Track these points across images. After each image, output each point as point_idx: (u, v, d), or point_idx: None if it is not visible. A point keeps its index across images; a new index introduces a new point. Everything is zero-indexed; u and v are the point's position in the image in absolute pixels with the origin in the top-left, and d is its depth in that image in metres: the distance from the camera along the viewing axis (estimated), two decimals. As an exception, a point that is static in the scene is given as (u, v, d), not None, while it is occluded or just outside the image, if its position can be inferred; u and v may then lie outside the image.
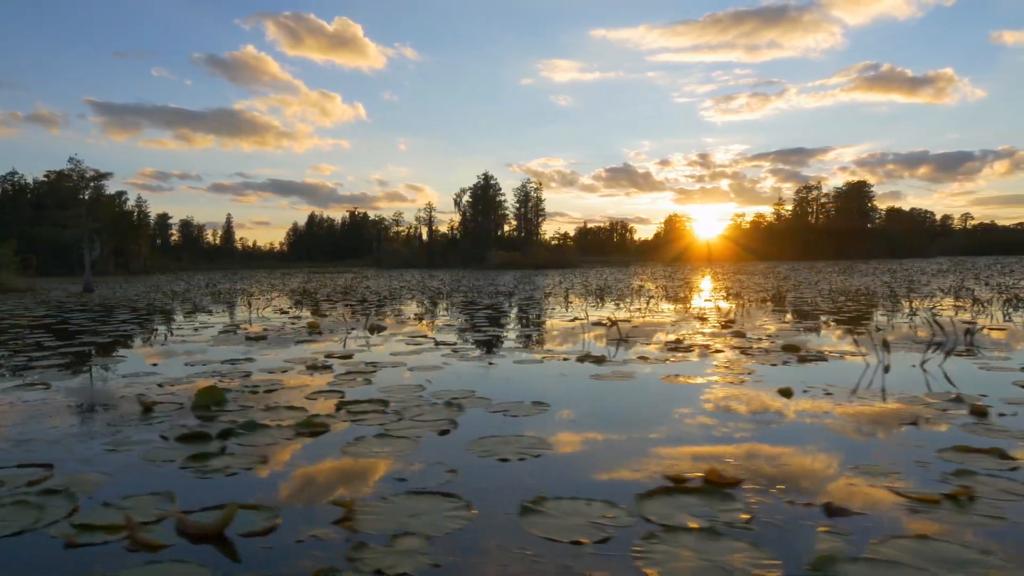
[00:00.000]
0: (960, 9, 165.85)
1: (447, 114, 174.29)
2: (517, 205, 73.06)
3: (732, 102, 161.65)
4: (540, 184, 73.05)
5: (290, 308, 11.74)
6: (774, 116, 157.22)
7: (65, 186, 54.65)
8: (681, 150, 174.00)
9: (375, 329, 7.64)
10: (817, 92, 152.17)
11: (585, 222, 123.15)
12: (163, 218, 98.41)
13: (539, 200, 72.83)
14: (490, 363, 5.11)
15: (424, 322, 8.63)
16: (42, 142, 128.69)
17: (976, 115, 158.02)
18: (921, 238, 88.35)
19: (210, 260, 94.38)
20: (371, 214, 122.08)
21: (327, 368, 4.91)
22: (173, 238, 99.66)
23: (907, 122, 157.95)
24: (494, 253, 52.48)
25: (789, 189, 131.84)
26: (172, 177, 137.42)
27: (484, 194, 71.86)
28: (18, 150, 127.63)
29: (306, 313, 10.51)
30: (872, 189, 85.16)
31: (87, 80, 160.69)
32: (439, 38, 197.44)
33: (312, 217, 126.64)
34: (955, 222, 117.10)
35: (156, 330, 8.19)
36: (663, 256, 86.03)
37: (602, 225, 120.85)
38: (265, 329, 7.88)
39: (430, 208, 74.74)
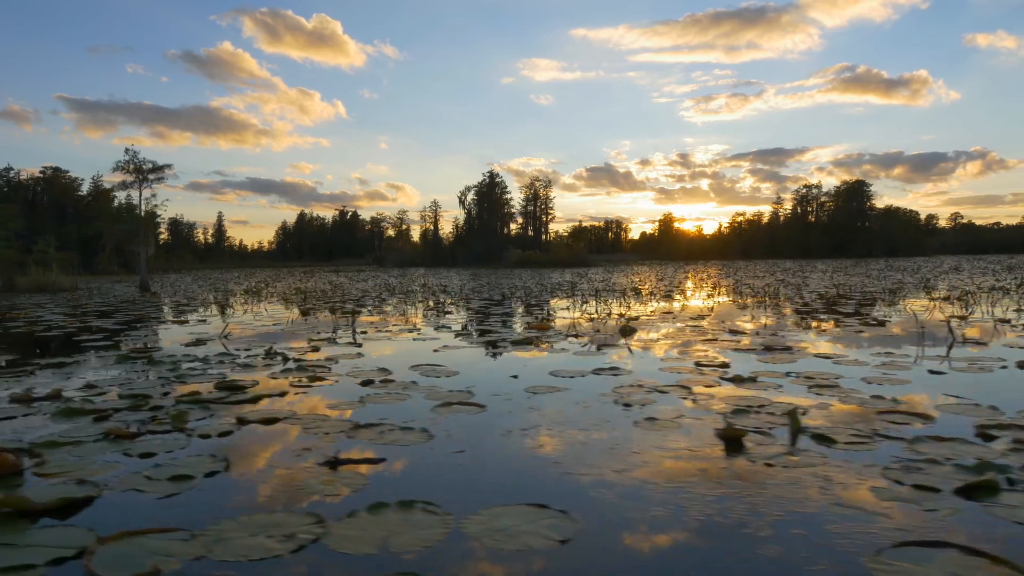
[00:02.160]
0: (934, 11, 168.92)
1: (428, 113, 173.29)
2: (524, 203, 72.25)
3: (711, 102, 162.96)
4: (549, 182, 72.25)
5: (449, 308, 10.78)
6: (753, 116, 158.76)
7: (64, 183, 52.42)
8: (661, 150, 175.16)
9: (628, 332, 6.77)
10: (795, 93, 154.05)
11: (581, 220, 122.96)
12: (151, 216, 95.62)
13: (548, 199, 72.11)
14: (932, 371, 4.28)
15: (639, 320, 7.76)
16: (13, 140, 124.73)
17: (950, 116, 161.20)
18: (918, 237, 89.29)
19: (201, 259, 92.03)
20: (363, 213, 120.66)
21: (752, 381, 4.04)
22: (163, 236, 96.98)
23: (883, 123, 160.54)
24: (511, 251, 51.56)
25: (768, 189, 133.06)
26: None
27: (490, 192, 70.91)
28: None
29: (480, 314, 9.59)
30: (871, 189, 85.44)
31: (59, 76, 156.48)
32: (419, 36, 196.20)
33: (302, 216, 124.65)
34: (939, 222, 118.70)
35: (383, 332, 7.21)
36: (665, 254, 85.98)
37: (597, 224, 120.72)
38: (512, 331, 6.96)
39: (436, 205, 73.60)
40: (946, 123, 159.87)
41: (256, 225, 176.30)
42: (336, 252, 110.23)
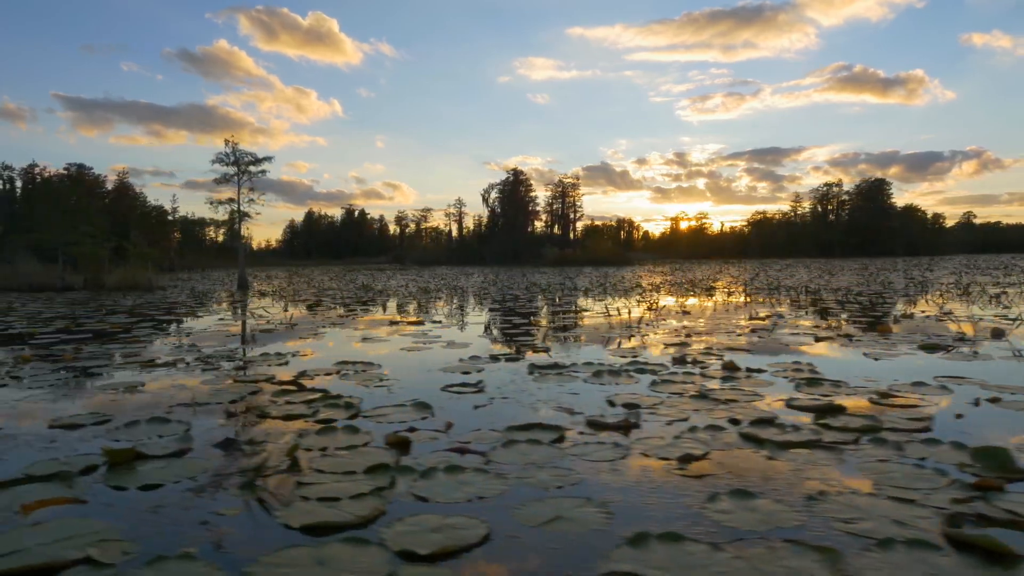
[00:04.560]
0: (931, 11, 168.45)
1: (424, 112, 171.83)
2: (550, 201, 71.46)
3: (708, 101, 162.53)
4: (578, 180, 71.40)
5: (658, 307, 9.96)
6: (749, 116, 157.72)
7: (90, 180, 51.33)
8: (658, 149, 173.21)
9: (999, 334, 5.97)
10: (791, 92, 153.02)
11: (592, 220, 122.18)
12: (163, 214, 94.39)
13: (575, 198, 71.35)
14: None
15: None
16: (9, 138, 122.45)
17: (946, 116, 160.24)
18: (936, 236, 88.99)
19: (213, 258, 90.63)
20: (370, 212, 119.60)
21: None
22: (176, 236, 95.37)
23: (879, 123, 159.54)
24: (549, 250, 50.70)
25: (764, 188, 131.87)
26: (145, 174, 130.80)
27: (514, 191, 70.07)
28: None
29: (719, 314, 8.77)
30: (891, 188, 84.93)
31: (55, 74, 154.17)
32: (416, 34, 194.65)
33: (310, 214, 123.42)
34: (945, 221, 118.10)
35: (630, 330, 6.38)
36: (682, 253, 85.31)
37: (609, 223, 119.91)
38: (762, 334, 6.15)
39: (460, 203, 72.71)
40: (942, 122, 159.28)
41: (251, 224, 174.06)
42: (344, 251, 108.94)
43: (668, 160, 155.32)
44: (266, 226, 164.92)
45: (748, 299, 11.20)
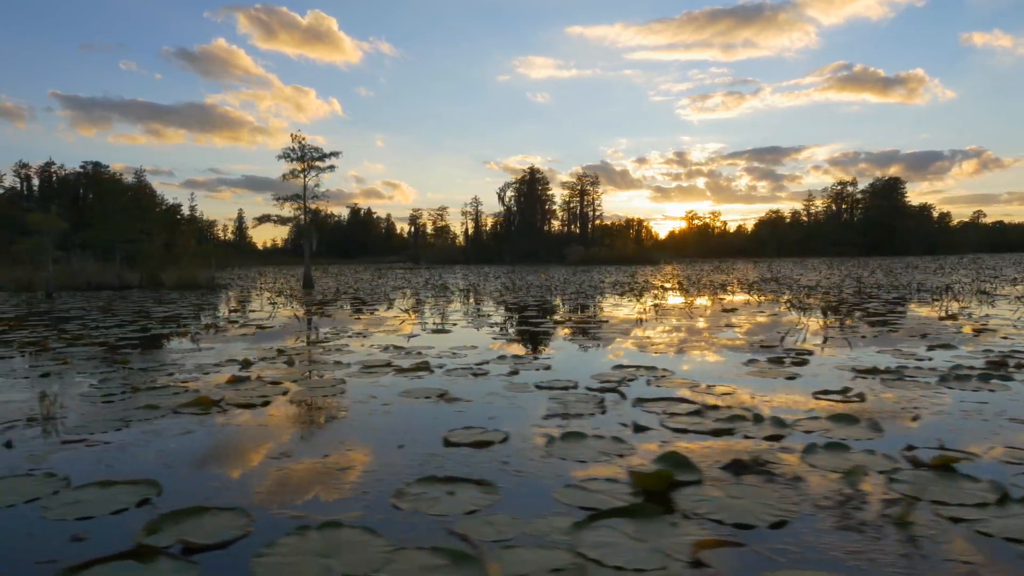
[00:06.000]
0: (931, 10, 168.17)
1: (424, 111, 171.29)
2: (567, 200, 71.08)
3: (708, 101, 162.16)
4: (597, 178, 71.02)
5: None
6: (749, 115, 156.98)
7: (107, 179, 50.87)
8: (658, 148, 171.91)
9: None
10: (791, 91, 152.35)
11: (601, 219, 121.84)
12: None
13: (595, 197, 70.99)
14: None
15: None
16: (8, 137, 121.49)
17: (946, 115, 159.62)
18: (948, 236, 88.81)
19: (230, 256, 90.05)
20: (377, 210, 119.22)
21: None
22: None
23: (879, 122, 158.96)
24: (574, 248, 50.29)
25: (764, 187, 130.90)
26: (144, 173, 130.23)
27: (531, 189, 69.67)
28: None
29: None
30: (905, 187, 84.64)
31: (53, 73, 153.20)
32: (415, 33, 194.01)
33: (316, 213, 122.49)
34: (951, 220, 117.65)
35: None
36: (697, 252, 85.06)
37: (619, 222, 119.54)
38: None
39: (476, 203, 72.29)
40: (942, 122, 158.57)
41: (252, 223, 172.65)
42: (353, 250, 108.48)
43: (668, 159, 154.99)
44: (271, 225, 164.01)
45: (872, 298, 10.83)
